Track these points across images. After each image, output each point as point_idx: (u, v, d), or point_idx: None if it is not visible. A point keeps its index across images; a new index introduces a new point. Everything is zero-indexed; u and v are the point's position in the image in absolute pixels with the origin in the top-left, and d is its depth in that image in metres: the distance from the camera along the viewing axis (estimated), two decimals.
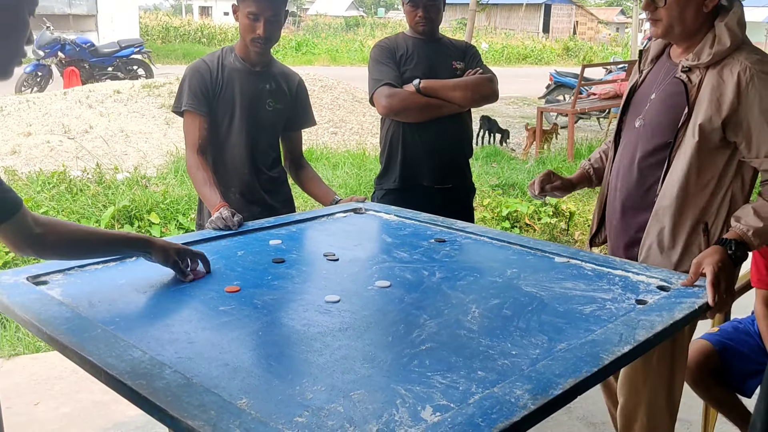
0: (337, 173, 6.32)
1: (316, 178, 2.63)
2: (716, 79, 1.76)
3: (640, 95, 1.97)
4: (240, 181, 2.41)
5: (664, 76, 1.90)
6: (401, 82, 2.62)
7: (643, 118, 1.92)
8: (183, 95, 2.34)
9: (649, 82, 1.95)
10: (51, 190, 4.83)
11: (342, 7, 51.86)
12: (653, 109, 1.89)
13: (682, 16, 1.78)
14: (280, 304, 1.55)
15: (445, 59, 2.69)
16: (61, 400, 2.82)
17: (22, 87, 11.50)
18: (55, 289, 1.58)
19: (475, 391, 1.15)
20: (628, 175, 1.96)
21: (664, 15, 1.79)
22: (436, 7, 2.65)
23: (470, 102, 2.65)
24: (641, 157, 1.92)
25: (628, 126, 1.99)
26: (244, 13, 2.28)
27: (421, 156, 2.67)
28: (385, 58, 2.65)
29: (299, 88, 2.54)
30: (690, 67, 1.81)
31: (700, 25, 1.80)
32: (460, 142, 2.76)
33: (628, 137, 1.98)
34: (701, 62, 1.78)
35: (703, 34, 1.80)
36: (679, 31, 1.81)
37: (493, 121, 9.17)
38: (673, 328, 1.45)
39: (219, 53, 2.41)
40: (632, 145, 1.95)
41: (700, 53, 1.78)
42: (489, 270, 1.80)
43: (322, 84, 9.85)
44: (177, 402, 1.08)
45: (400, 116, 2.63)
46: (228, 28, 27.92)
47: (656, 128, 1.88)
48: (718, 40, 1.76)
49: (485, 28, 33.93)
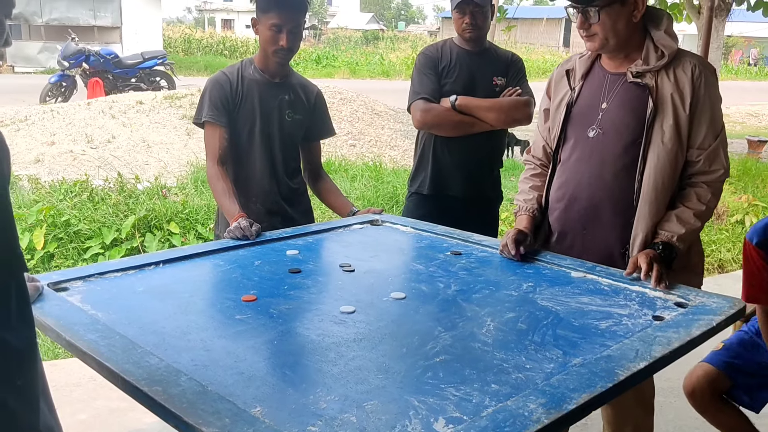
0: (355, 185, 6.34)
1: (335, 190, 2.65)
2: (672, 78, 1.92)
3: (584, 108, 2.04)
4: (260, 191, 2.43)
5: (611, 86, 2.00)
6: (440, 95, 2.67)
7: (598, 127, 1.99)
8: (204, 107, 2.37)
9: (591, 95, 2.03)
10: (73, 199, 4.89)
11: (362, 20, 52.22)
12: (611, 115, 1.98)
13: (615, 29, 1.92)
14: (295, 313, 1.56)
15: (487, 74, 2.72)
16: (79, 406, 2.85)
17: (47, 97, 11.69)
18: (75, 295, 1.60)
19: (488, 403, 1.15)
20: (598, 182, 2.00)
21: (599, 30, 1.92)
22: (483, 14, 2.66)
23: (503, 124, 2.71)
24: (611, 161, 1.98)
25: (578, 138, 2.04)
26: (267, 25, 2.31)
27: (450, 168, 2.74)
28: (427, 69, 2.70)
29: (317, 99, 2.56)
30: (641, 72, 1.94)
31: (631, 34, 1.95)
32: (489, 157, 2.82)
33: (581, 149, 2.04)
34: (651, 66, 1.93)
35: (636, 42, 1.96)
36: (614, 42, 1.94)
37: (511, 135, 9.15)
38: (690, 345, 1.44)
39: (239, 65, 2.44)
40: (591, 155, 2.01)
41: (648, 59, 1.94)
42: (505, 283, 1.80)
43: (342, 97, 9.91)
44: (192, 409, 1.09)
45: (433, 130, 2.73)
46: (249, 41, 28.21)
47: (621, 131, 1.96)
48: (664, 45, 1.92)
49: (505, 42, 33.99)
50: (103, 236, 4.33)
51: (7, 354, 1.05)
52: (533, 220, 2.12)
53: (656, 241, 1.90)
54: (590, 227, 2.04)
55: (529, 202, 2.15)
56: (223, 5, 52.62)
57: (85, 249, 4.27)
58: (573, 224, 2.07)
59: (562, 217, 2.09)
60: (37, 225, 4.28)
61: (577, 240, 2.07)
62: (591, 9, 1.89)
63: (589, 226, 2.04)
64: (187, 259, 1.91)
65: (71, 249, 4.24)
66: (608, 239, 2.01)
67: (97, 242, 4.29)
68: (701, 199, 1.94)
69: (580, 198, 2.04)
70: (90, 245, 4.26)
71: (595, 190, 2.01)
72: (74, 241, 4.31)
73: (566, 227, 2.08)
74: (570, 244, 2.08)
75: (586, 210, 2.03)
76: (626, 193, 1.97)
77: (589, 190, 2.02)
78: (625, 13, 1.90)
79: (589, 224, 2.04)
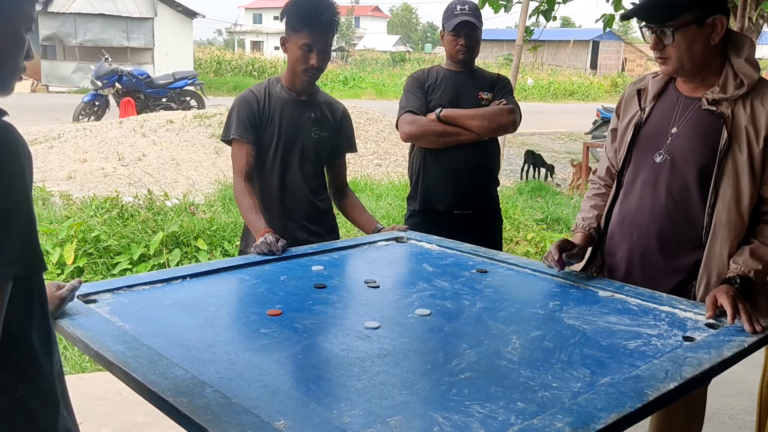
0: (380, 204, 6.35)
1: (360, 206, 2.66)
2: (749, 109, 1.81)
3: (652, 131, 1.96)
4: (285, 208, 2.45)
5: (683, 110, 1.90)
6: (426, 111, 2.76)
7: (666, 152, 1.91)
8: (231, 124, 2.39)
9: (661, 118, 1.95)
10: (103, 215, 4.98)
11: (389, 42, 52.68)
12: (680, 142, 1.89)
13: (691, 52, 1.81)
14: (320, 328, 1.56)
15: (473, 90, 2.80)
16: (104, 420, 2.87)
17: (80, 115, 11.95)
18: (103, 307, 1.62)
19: (514, 422, 1.13)
20: (662, 211, 1.91)
21: (673, 53, 1.82)
22: (476, 37, 2.79)
23: (487, 131, 2.75)
24: (678, 190, 1.89)
25: (644, 162, 1.96)
26: (297, 45, 2.32)
27: (438, 181, 2.80)
28: (414, 88, 2.82)
29: (343, 117, 2.58)
30: (717, 99, 1.83)
31: (709, 58, 1.84)
32: (479, 170, 2.83)
33: (646, 173, 1.95)
34: (729, 95, 1.82)
35: (714, 67, 1.85)
36: (689, 66, 1.84)
37: (538, 156, 9.12)
38: (721, 366, 1.41)
39: (266, 83, 2.47)
40: (656, 181, 1.93)
41: (726, 86, 1.82)
42: (531, 302, 1.78)
43: (368, 117, 9.98)
44: (216, 421, 1.10)
45: (419, 141, 2.81)
46: (278, 61, 28.59)
47: (691, 160, 1.87)
48: (744, 74, 1.81)
49: (531, 64, 34.00)
50: (132, 252, 4.38)
51: (31, 353, 1.07)
52: (588, 239, 2.08)
53: (731, 276, 1.77)
54: (649, 256, 1.96)
55: (587, 221, 2.10)
56: (252, 27, 53.56)
57: (113, 264, 4.33)
58: (631, 252, 1.99)
59: (620, 242, 2.02)
60: (67, 240, 4.36)
61: (636, 269, 1.99)
62: (666, 29, 1.79)
63: (649, 254, 1.96)
64: (213, 273, 1.92)
65: (100, 264, 4.30)
66: (670, 271, 1.93)
67: (125, 258, 4.34)
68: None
69: (641, 224, 1.96)
70: (119, 261, 4.32)
71: (659, 218, 1.92)
72: (103, 256, 4.37)
73: (624, 254, 2.01)
74: (626, 272, 2.01)
75: (647, 238, 1.95)
76: (693, 225, 1.88)
77: (651, 217, 1.94)
78: (702, 35, 1.79)
79: (649, 253, 1.95)
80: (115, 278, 2.40)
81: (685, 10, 1.78)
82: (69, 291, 1.54)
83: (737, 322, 1.59)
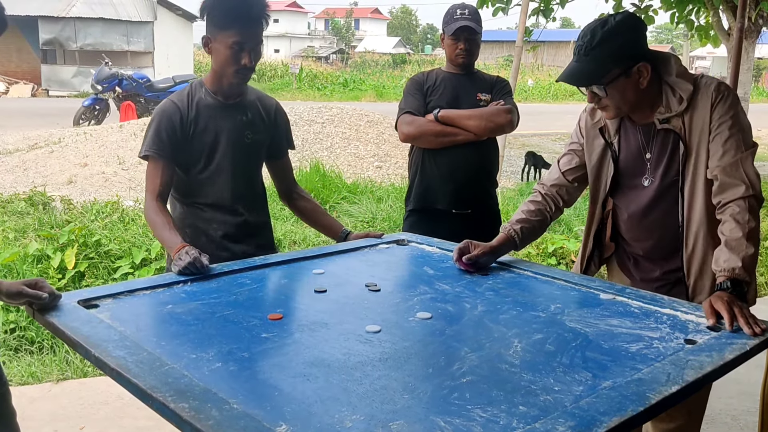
0: (381, 206, 6.35)
1: (318, 209, 2.51)
2: (696, 113, 1.90)
3: (630, 160, 2.04)
4: (221, 222, 2.27)
5: (647, 136, 1.99)
6: (425, 112, 2.80)
7: (651, 176, 2.00)
8: (146, 139, 2.19)
9: (633, 147, 2.03)
10: (104, 219, 4.98)
11: (389, 44, 52.69)
12: (657, 163, 1.99)
13: (625, 98, 1.90)
14: (321, 332, 1.56)
15: (471, 91, 2.83)
16: (105, 425, 2.87)
17: (80, 120, 11.97)
18: (104, 312, 1.62)
19: (516, 425, 1.13)
20: (649, 229, 2.05)
21: (609, 102, 1.91)
22: (476, 41, 2.83)
23: (484, 131, 2.77)
24: (654, 205, 2.01)
25: (632, 187, 2.05)
26: (226, 44, 2.12)
27: (436, 180, 2.83)
28: (413, 90, 2.86)
29: (277, 113, 2.40)
30: (667, 118, 1.93)
31: (644, 94, 1.92)
32: (478, 170, 2.86)
33: (634, 196, 2.05)
34: (675, 112, 1.91)
35: (653, 93, 1.93)
36: (627, 108, 1.94)
37: (539, 157, 9.12)
38: (723, 369, 1.40)
39: (188, 90, 2.27)
40: (641, 201, 2.03)
41: (669, 105, 1.92)
42: (532, 304, 1.78)
43: (368, 119, 9.98)
44: (217, 426, 1.09)
45: (417, 142, 2.84)
46: (277, 64, 28.60)
47: (671, 176, 1.97)
48: (681, 89, 1.90)
49: (531, 65, 33.99)
50: (133, 256, 4.39)
51: None
52: (506, 240, 2.11)
53: (721, 281, 1.76)
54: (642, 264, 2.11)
55: (511, 224, 2.14)
56: None
57: (115, 269, 4.32)
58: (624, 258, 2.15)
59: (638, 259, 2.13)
60: (68, 245, 4.36)
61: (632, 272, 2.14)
62: (595, 87, 1.89)
63: (642, 261, 2.11)
64: (214, 277, 1.92)
65: (102, 268, 4.30)
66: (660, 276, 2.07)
67: (126, 262, 4.35)
68: (738, 219, 1.82)
69: (633, 239, 2.10)
70: (120, 265, 4.32)
71: (644, 235, 2.07)
72: (105, 260, 4.37)
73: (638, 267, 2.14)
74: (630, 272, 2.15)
75: (640, 249, 2.09)
76: (675, 234, 2.00)
77: (637, 234, 2.09)
78: (631, 83, 1.87)
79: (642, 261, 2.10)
80: (116, 283, 2.40)
81: (610, 69, 1.86)
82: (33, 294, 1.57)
83: (736, 326, 1.59)
